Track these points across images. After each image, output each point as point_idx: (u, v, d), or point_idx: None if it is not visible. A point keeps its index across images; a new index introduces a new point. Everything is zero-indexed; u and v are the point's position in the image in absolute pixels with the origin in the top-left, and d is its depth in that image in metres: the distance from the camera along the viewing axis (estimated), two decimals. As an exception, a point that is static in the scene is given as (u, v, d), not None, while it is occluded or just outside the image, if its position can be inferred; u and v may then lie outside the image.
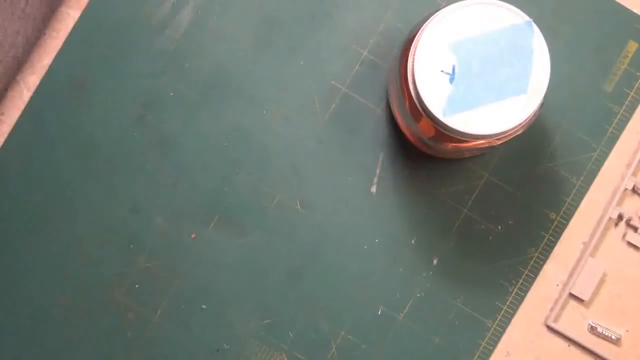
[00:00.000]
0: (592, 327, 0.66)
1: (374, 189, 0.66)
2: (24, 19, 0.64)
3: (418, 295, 0.66)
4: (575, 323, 0.66)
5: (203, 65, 0.67)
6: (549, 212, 0.66)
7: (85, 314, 0.66)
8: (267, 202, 0.66)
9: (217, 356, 0.66)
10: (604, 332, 0.65)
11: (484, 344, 0.66)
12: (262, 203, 0.66)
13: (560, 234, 0.66)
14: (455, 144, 0.60)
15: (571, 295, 0.66)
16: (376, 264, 0.66)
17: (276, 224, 0.66)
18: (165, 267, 0.66)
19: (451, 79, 0.57)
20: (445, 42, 0.57)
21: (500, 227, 0.66)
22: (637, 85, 0.66)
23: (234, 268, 0.66)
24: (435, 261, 0.66)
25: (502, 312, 0.66)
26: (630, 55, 0.66)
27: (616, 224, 0.66)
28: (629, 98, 0.66)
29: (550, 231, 0.66)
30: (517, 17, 0.57)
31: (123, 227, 0.66)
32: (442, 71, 0.57)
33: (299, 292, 0.66)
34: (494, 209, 0.66)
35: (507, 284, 0.66)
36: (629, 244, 0.66)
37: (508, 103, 0.57)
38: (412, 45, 0.57)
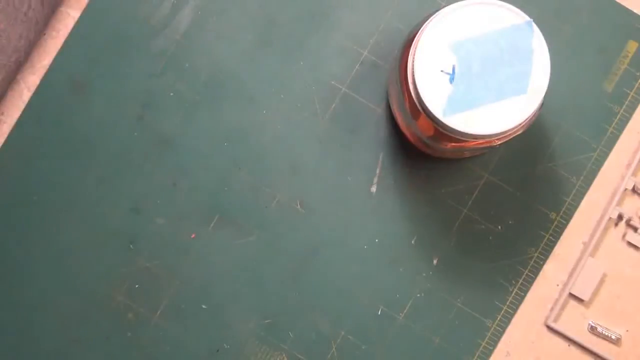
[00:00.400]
0: (592, 327, 0.66)
1: (374, 189, 0.66)
2: (27, 22, 0.64)
3: (418, 295, 0.66)
4: (575, 323, 0.66)
5: (203, 65, 0.67)
6: (549, 212, 0.66)
7: (85, 314, 0.66)
8: (267, 202, 0.66)
9: (217, 356, 0.66)
10: (604, 332, 0.65)
11: (484, 344, 0.66)
12: (262, 203, 0.66)
13: (560, 234, 0.66)
14: (455, 143, 0.60)
15: (571, 295, 0.66)
16: (376, 264, 0.66)
17: (276, 224, 0.66)
18: (165, 267, 0.66)
19: (451, 79, 0.57)
20: (445, 42, 0.57)
21: (500, 227, 0.66)
22: (637, 85, 0.66)
23: (234, 268, 0.66)
24: (435, 261, 0.66)
25: (502, 312, 0.66)
26: (630, 55, 0.66)
27: (616, 224, 0.66)
28: (629, 98, 0.66)
29: (550, 231, 0.66)
30: (517, 17, 0.57)
31: (123, 227, 0.66)
32: (442, 71, 0.57)
33: (299, 292, 0.66)
34: (494, 209, 0.66)
35: (507, 284, 0.66)
36: (629, 244, 0.66)
37: (508, 103, 0.57)
38: (412, 45, 0.57)
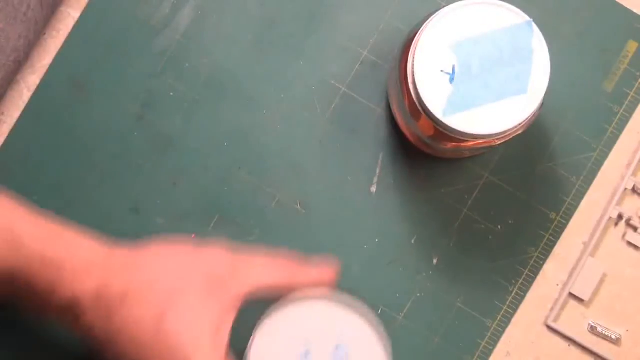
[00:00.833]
0: (592, 327, 0.66)
1: (374, 189, 0.66)
2: (26, 22, 0.64)
3: (418, 295, 0.66)
4: (575, 323, 0.66)
5: (203, 65, 0.67)
6: (549, 212, 0.66)
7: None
8: (267, 202, 0.66)
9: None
10: (604, 332, 0.65)
11: (484, 344, 0.66)
12: (262, 203, 0.66)
13: (560, 234, 0.66)
14: (455, 143, 0.60)
15: (571, 295, 0.66)
16: (376, 264, 0.66)
17: (276, 224, 0.66)
18: (165, 267, 0.66)
19: (451, 79, 0.57)
20: (445, 42, 0.57)
21: (500, 227, 0.66)
22: (637, 85, 0.66)
23: (234, 268, 0.66)
24: (435, 261, 0.66)
25: (502, 312, 0.66)
26: (630, 55, 0.66)
27: (616, 224, 0.66)
28: (629, 98, 0.66)
29: (550, 231, 0.66)
30: (517, 17, 0.57)
31: (123, 227, 0.66)
32: (442, 71, 0.57)
33: (299, 292, 0.66)
34: (494, 209, 0.66)
35: (507, 284, 0.66)
36: (629, 244, 0.66)
37: (508, 103, 0.57)
38: (412, 45, 0.57)
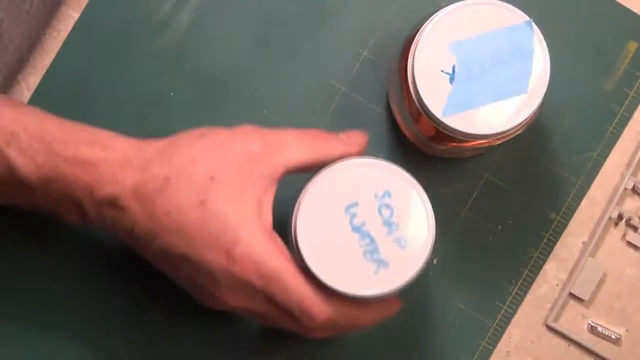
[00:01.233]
0: (592, 327, 0.66)
1: (374, 189, 0.66)
2: (29, 21, 0.64)
3: (418, 295, 0.66)
4: (575, 323, 0.66)
5: (203, 65, 0.67)
6: (549, 212, 0.66)
7: (86, 314, 0.66)
8: (267, 202, 0.66)
9: (217, 357, 0.66)
10: (604, 332, 0.65)
11: (484, 343, 0.66)
12: (262, 203, 0.66)
13: (560, 234, 0.66)
14: (455, 143, 0.60)
15: (571, 295, 0.66)
16: (376, 264, 0.66)
17: (276, 224, 0.66)
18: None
19: (451, 79, 0.57)
20: (445, 42, 0.57)
21: (500, 227, 0.66)
22: (637, 85, 0.66)
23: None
24: (435, 261, 0.66)
25: (502, 312, 0.66)
26: (630, 55, 0.66)
27: (616, 224, 0.66)
28: (629, 98, 0.66)
29: (550, 231, 0.66)
30: (517, 17, 0.57)
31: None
32: (442, 71, 0.57)
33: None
34: (494, 209, 0.66)
35: (507, 284, 0.66)
36: (629, 244, 0.66)
37: (508, 103, 0.57)
38: (412, 45, 0.57)
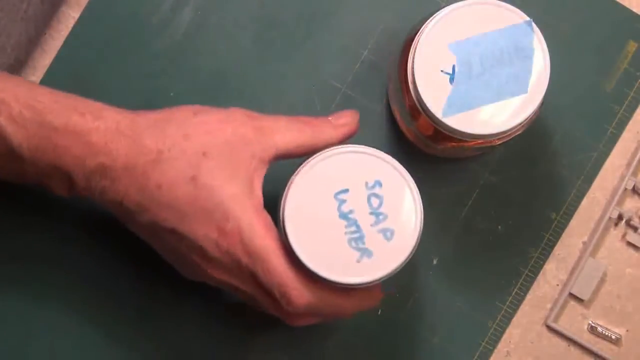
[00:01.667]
0: (592, 327, 0.66)
1: (374, 189, 0.66)
2: (26, 20, 0.64)
3: (418, 295, 0.66)
4: (575, 323, 0.66)
5: (203, 65, 0.67)
6: (549, 212, 0.66)
7: (88, 312, 0.66)
8: (268, 203, 0.66)
9: (216, 356, 0.66)
10: (604, 332, 0.65)
11: (484, 344, 0.66)
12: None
13: (560, 234, 0.66)
14: (455, 143, 0.60)
15: (571, 295, 0.66)
16: (376, 264, 0.66)
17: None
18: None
19: (451, 79, 0.57)
20: (445, 42, 0.57)
21: (500, 227, 0.66)
22: (637, 85, 0.66)
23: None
24: (435, 261, 0.66)
25: (502, 312, 0.66)
26: (630, 55, 0.66)
27: (616, 224, 0.66)
28: (629, 98, 0.66)
29: (550, 231, 0.66)
30: (517, 17, 0.57)
31: (123, 227, 0.66)
32: (442, 71, 0.57)
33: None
34: (494, 209, 0.66)
35: (507, 284, 0.66)
36: (629, 244, 0.66)
37: (508, 103, 0.57)
38: (412, 45, 0.57)
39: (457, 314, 0.66)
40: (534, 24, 0.57)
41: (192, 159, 0.55)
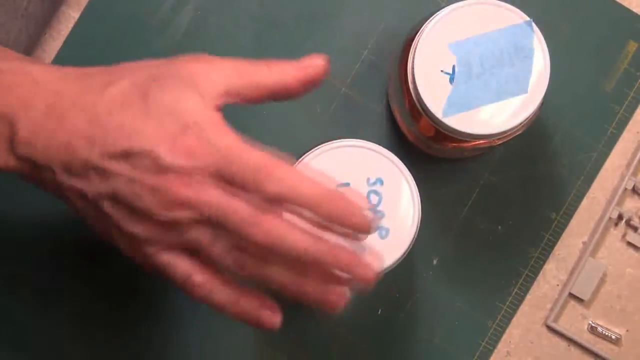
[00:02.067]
0: (592, 327, 0.66)
1: (374, 189, 0.66)
2: (26, 17, 0.64)
3: (418, 295, 0.66)
4: (575, 323, 0.66)
5: (203, 65, 0.67)
6: (549, 212, 0.66)
7: (88, 312, 0.66)
8: (267, 202, 0.66)
9: (216, 356, 0.66)
10: (604, 332, 0.65)
11: (484, 344, 0.66)
12: (262, 203, 0.66)
13: (560, 234, 0.66)
14: (455, 143, 0.60)
15: (571, 295, 0.66)
16: (376, 264, 0.66)
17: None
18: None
19: (451, 79, 0.57)
20: (445, 42, 0.57)
21: (500, 227, 0.66)
22: (637, 85, 0.66)
23: (234, 268, 0.66)
24: (435, 261, 0.66)
25: (502, 312, 0.66)
26: (630, 55, 0.66)
27: (616, 224, 0.66)
28: (629, 98, 0.66)
29: (550, 231, 0.66)
30: (517, 17, 0.57)
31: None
32: (442, 71, 0.57)
33: (299, 292, 0.66)
34: (494, 209, 0.66)
35: (507, 284, 0.66)
36: (629, 244, 0.66)
37: (508, 103, 0.57)
38: (412, 45, 0.57)
39: (457, 314, 0.66)
40: (534, 24, 0.57)
41: (143, 83, 0.51)
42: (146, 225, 0.50)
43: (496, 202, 0.66)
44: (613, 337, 0.65)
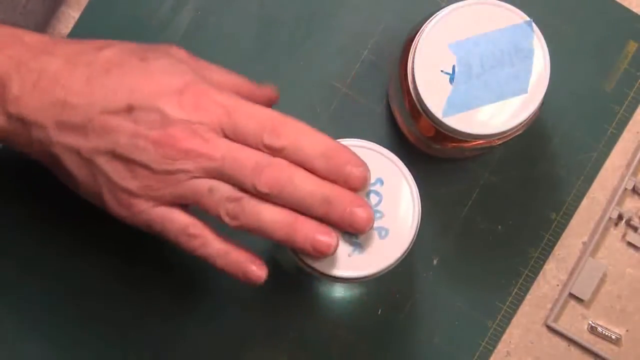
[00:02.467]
0: (592, 327, 0.66)
1: (374, 189, 0.66)
2: (25, 15, 0.64)
3: (418, 295, 0.66)
4: (575, 323, 0.66)
5: (203, 65, 0.67)
6: (549, 212, 0.66)
7: (89, 311, 0.66)
8: (267, 202, 0.66)
9: (216, 356, 0.66)
10: (604, 332, 0.65)
11: (484, 344, 0.66)
12: (262, 203, 0.66)
13: (560, 234, 0.66)
14: (455, 144, 0.60)
15: (571, 295, 0.66)
16: (376, 264, 0.66)
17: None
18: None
19: (451, 79, 0.57)
20: (445, 42, 0.57)
21: (500, 227, 0.66)
22: (637, 85, 0.66)
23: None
24: (435, 261, 0.66)
25: (502, 312, 0.66)
26: (630, 55, 0.66)
27: (616, 224, 0.66)
28: (629, 98, 0.66)
29: (550, 231, 0.66)
30: (517, 17, 0.57)
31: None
32: (442, 71, 0.57)
33: (299, 292, 0.66)
34: (494, 209, 0.66)
35: (507, 284, 0.66)
36: (629, 244, 0.66)
37: (508, 103, 0.57)
38: (412, 45, 0.57)
39: (457, 314, 0.66)
40: (534, 24, 0.57)
41: (136, 49, 0.52)
42: (143, 180, 0.50)
43: (496, 202, 0.66)
44: (613, 337, 0.65)
